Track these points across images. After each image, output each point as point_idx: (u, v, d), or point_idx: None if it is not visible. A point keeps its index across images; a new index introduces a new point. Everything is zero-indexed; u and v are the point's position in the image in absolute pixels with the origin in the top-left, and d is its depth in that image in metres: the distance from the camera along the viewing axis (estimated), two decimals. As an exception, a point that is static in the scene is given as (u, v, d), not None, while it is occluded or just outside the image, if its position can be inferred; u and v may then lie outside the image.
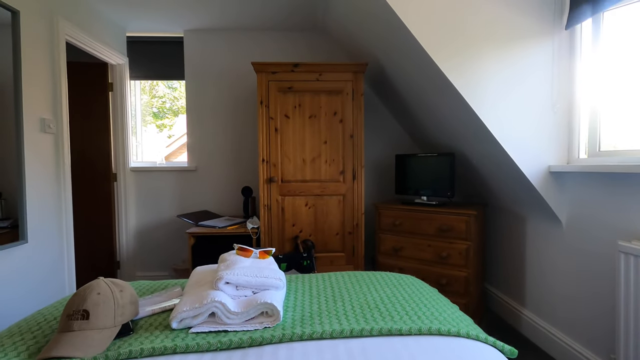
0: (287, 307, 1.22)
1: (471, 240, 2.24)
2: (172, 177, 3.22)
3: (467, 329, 1.05)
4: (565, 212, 1.89)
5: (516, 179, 2.00)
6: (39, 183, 2.13)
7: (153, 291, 1.41)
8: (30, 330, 1.07)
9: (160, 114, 5.27)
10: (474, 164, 2.38)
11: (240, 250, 1.33)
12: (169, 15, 2.87)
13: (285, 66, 2.49)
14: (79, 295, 1.00)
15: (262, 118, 2.52)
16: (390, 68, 2.53)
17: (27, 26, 2.04)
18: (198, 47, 3.17)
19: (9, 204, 1.90)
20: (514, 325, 2.32)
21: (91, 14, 2.67)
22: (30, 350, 0.95)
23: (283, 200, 2.57)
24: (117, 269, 3.16)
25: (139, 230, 3.23)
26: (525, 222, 2.23)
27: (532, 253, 2.16)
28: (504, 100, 1.84)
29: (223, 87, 3.20)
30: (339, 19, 2.69)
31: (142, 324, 1.10)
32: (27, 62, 2.03)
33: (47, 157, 2.19)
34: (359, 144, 2.56)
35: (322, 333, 1.01)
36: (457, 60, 1.82)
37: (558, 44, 1.86)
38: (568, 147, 1.91)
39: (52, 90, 2.23)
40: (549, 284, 2.01)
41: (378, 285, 1.42)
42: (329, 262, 2.60)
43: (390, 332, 1.02)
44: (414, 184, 2.63)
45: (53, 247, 2.24)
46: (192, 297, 1.10)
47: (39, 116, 2.12)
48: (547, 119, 1.88)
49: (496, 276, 2.60)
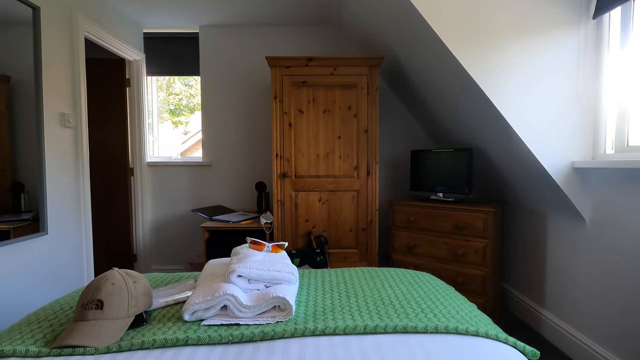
0: (300, 301, 1.20)
1: (489, 238, 2.18)
2: (187, 172, 3.25)
3: (487, 329, 1.01)
4: (589, 210, 1.81)
5: (537, 175, 1.93)
6: (59, 176, 2.18)
7: (166, 283, 1.42)
8: (47, 318, 1.09)
9: (176, 111, 5.34)
10: (493, 160, 2.31)
11: (253, 244, 1.32)
12: (184, 11, 2.88)
13: (299, 60, 2.47)
14: (93, 285, 1.01)
15: (276, 113, 2.51)
16: (406, 61, 2.47)
17: (48, 22, 2.08)
18: (213, 42, 3.18)
19: (31, 197, 1.95)
20: (533, 326, 2.25)
21: (109, 10, 2.71)
22: (46, 338, 0.96)
23: (296, 196, 2.55)
24: (134, 262, 3.22)
25: (155, 224, 3.28)
26: (546, 220, 2.15)
27: (553, 252, 2.09)
28: (525, 93, 1.77)
29: (238, 82, 3.20)
30: (355, 12, 2.64)
31: (155, 316, 1.10)
32: (47, 57, 2.07)
33: (66, 151, 2.24)
34: (374, 139, 2.52)
35: (335, 329, 0.99)
36: (477, 53, 1.76)
37: (584, 34, 1.78)
38: (593, 142, 1.82)
39: (71, 85, 2.27)
40: (571, 284, 1.93)
41: (392, 282, 1.38)
42: (342, 258, 2.57)
43: (406, 330, 0.99)
44: (429, 180, 2.57)
45: (72, 239, 2.29)
46: (205, 289, 1.10)
47: (58, 111, 2.17)
48: (571, 113, 1.80)
49: (514, 275, 2.52)
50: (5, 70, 1.79)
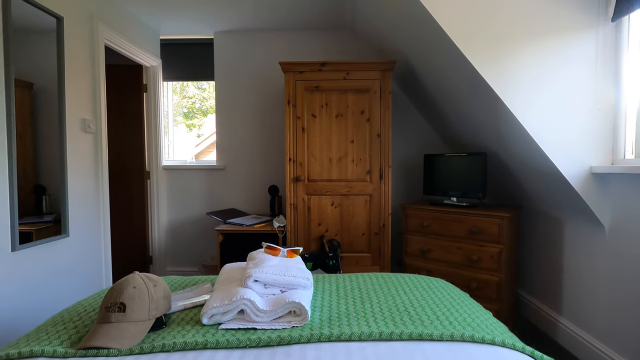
0: (315, 307, 1.21)
1: (504, 244, 2.16)
2: (201, 176, 3.30)
3: (503, 337, 1.01)
4: (608, 216, 1.77)
5: (554, 181, 1.90)
6: (80, 180, 2.25)
7: (184, 287, 1.45)
8: (71, 320, 1.13)
9: (189, 113, 5.44)
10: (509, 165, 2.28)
11: (268, 249, 1.34)
12: (200, 18, 2.94)
13: (313, 65, 2.49)
14: (116, 289, 1.04)
15: (289, 117, 2.53)
16: (419, 65, 2.47)
17: (70, 31, 2.15)
18: (228, 48, 3.23)
19: (52, 199, 2.02)
20: (549, 333, 2.21)
21: (128, 18, 2.79)
22: (72, 339, 1.00)
23: (309, 200, 2.57)
24: (150, 264, 3.29)
25: (170, 226, 3.34)
26: (563, 225, 2.12)
27: (571, 258, 2.05)
28: (541, 97, 1.75)
29: (251, 87, 3.25)
30: (367, 17, 2.65)
31: (174, 319, 1.13)
32: (69, 65, 2.14)
33: (87, 155, 2.31)
34: (387, 143, 2.52)
35: (351, 335, 0.99)
36: (491, 56, 1.75)
37: (602, 37, 1.75)
38: (612, 147, 1.79)
39: (92, 91, 2.35)
40: (590, 291, 1.90)
41: (407, 288, 1.39)
42: (355, 262, 2.58)
43: (421, 337, 0.99)
44: (442, 184, 2.56)
45: (92, 241, 2.36)
46: (222, 293, 1.12)
47: (80, 117, 2.24)
48: (589, 117, 1.77)
49: (530, 282, 2.48)
50: (29, 77, 1.86)
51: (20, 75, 1.80)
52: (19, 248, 1.78)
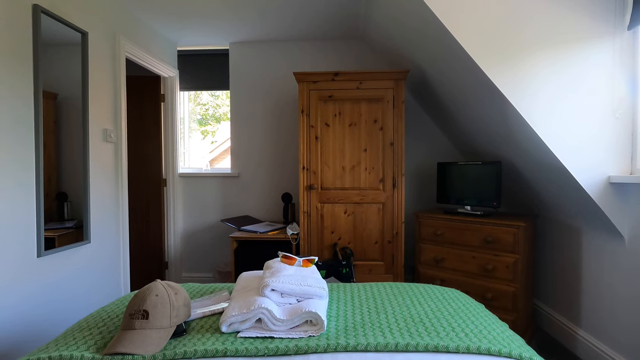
0: (330, 316, 1.23)
1: (519, 253, 2.13)
2: (216, 183, 3.37)
3: (520, 350, 1.00)
4: (627, 226, 1.74)
5: (571, 190, 1.88)
6: (100, 187, 2.32)
7: (202, 294, 1.49)
8: (96, 325, 1.17)
9: (203, 120, 5.55)
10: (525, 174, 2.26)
11: (284, 258, 1.37)
12: (216, 30, 3.02)
13: (326, 75, 2.53)
14: (139, 296, 1.08)
15: (303, 126, 2.57)
16: (432, 74, 2.48)
17: (94, 46, 2.25)
18: (242, 58, 3.31)
19: (74, 206, 2.09)
20: (567, 346, 2.17)
21: (147, 31, 2.89)
22: (97, 345, 1.04)
23: (322, 208, 2.59)
24: (165, 269, 3.35)
25: (186, 233, 3.40)
26: (581, 235, 2.08)
27: (589, 269, 2.01)
28: (557, 106, 1.74)
29: (266, 97, 3.31)
30: (380, 26, 2.69)
31: (194, 326, 1.16)
32: (92, 77, 2.23)
33: (108, 164, 2.39)
34: (400, 151, 2.53)
35: (367, 345, 1.01)
36: (505, 65, 1.75)
37: (619, 46, 1.73)
38: (632, 156, 1.76)
39: (113, 103, 2.43)
40: (609, 302, 1.86)
41: (422, 298, 1.39)
42: (368, 270, 2.58)
43: (437, 349, 1.00)
44: (456, 193, 2.55)
45: (111, 247, 2.43)
46: (240, 302, 1.15)
47: (102, 127, 2.32)
48: (607, 126, 1.76)
49: (547, 292, 2.44)
50: (53, 88, 1.94)
51: (45, 87, 1.89)
52: (44, 254, 1.85)
